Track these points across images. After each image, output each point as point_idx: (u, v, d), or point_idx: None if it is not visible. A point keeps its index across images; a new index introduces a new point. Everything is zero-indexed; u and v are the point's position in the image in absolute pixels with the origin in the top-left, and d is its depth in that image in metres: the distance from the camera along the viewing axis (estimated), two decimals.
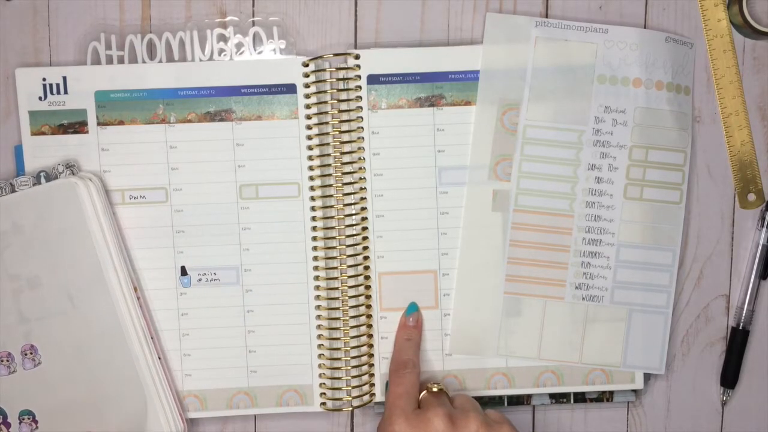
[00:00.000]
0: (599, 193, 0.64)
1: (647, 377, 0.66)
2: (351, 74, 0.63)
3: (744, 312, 0.66)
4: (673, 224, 0.64)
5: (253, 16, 0.64)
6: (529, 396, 0.65)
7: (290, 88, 0.63)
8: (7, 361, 0.61)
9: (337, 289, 0.64)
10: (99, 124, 0.63)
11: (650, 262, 0.64)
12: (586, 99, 0.63)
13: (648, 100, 0.63)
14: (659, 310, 0.65)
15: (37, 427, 0.62)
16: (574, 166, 0.63)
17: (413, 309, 0.64)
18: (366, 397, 0.64)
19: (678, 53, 0.64)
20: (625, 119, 0.63)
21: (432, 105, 0.63)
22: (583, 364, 0.64)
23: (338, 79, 0.63)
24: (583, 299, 0.64)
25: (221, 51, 0.63)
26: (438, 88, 0.63)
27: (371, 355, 0.64)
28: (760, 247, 0.65)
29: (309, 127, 0.63)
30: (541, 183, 0.64)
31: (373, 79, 0.63)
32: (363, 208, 0.64)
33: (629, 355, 0.64)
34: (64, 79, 0.62)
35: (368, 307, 0.64)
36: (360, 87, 0.63)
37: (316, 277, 0.64)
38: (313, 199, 0.63)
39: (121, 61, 0.63)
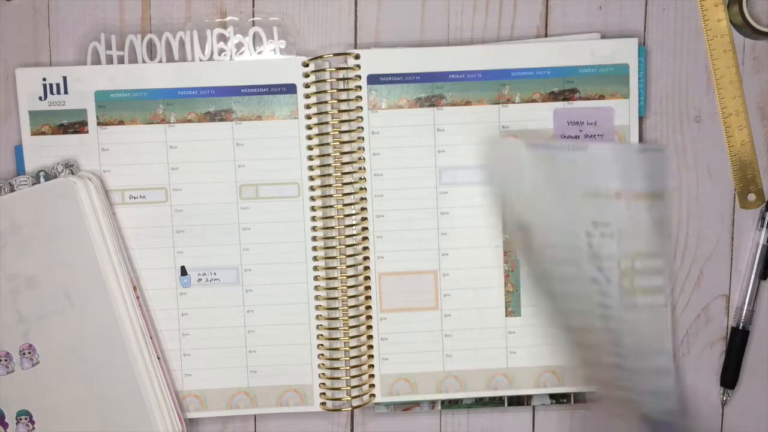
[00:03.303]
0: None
1: None
2: (351, 74, 0.63)
3: (744, 312, 0.65)
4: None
5: (253, 16, 0.64)
6: (530, 396, 0.65)
7: (290, 88, 0.63)
8: (6, 360, 0.61)
9: (336, 289, 0.63)
10: (99, 124, 0.63)
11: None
12: (576, 214, 0.62)
13: (629, 212, 0.62)
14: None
15: (33, 428, 0.61)
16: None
17: None
18: (366, 397, 0.64)
19: (650, 161, 0.62)
20: (611, 231, 0.62)
21: (432, 105, 0.63)
22: None
23: (338, 79, 0.63)
24: None
25: (221, 51, 0.63)
26: (438, 88, 0.63)
27: (371, 356, 0.64)
28: (760, 247, 0.65)
29: (309, 127, 0.63)
30: None
31: (373, 79, 0.63)
32: (363, 208, 0.64)
33: None
34: (64, 79, 0.62)
35: (368, 307, 0.64)
36: (360, 87, 0.63)
37: (316, 277, 0.64)
38: (313, 199, 0.63)
39: (121, 61, 0.63)
